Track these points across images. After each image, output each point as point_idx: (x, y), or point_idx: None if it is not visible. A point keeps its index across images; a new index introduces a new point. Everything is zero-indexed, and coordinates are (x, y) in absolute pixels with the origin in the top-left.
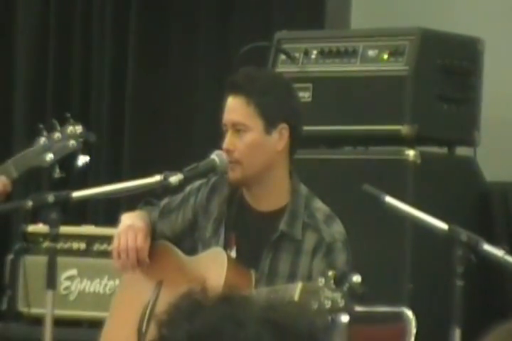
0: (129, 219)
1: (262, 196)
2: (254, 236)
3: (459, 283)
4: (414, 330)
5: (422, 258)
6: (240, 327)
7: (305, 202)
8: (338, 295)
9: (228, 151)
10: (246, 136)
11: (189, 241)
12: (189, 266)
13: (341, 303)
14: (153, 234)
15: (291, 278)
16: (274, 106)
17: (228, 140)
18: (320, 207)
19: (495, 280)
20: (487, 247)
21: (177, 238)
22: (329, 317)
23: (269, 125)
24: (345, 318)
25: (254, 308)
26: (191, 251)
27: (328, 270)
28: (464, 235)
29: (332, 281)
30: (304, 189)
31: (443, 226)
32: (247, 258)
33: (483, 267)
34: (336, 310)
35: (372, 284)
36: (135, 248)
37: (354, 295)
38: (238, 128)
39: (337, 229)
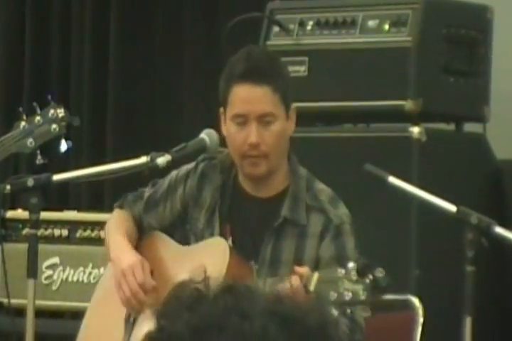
0: (119, 254)
1: (264, 182)
2: (253, 224)
3: (470, 268)
4: (421, 319)
5: (429, 243)
6: (244, 319)
7: (306, 184)
8: (359, 288)
9: (256, 145)
10: (274, 127)
11: (179, 233)
12: (186, 256)
13: (363, 296)
14: (141, 229)
15: (297, 264)
16: (289, 89)
17: (257, 133)
18: (323, 188)
19: (508, 265)
20: (499, 230)
21: (165, 230)
22: (348, 310)
23: (287, 110)
24: (366, 312)
25: (260, 300)
26: (182, 243)
27: (348, 260)
28: (474, 217)
29: (353, 273)
30: (303, 170)
31: (451, 208)
32: (245, 248)
33: (496, 251)
34: (356, 302)
35: None
36: (139, 291)
37: (377, 289)
38: (267, 120)
39: (344, 211)
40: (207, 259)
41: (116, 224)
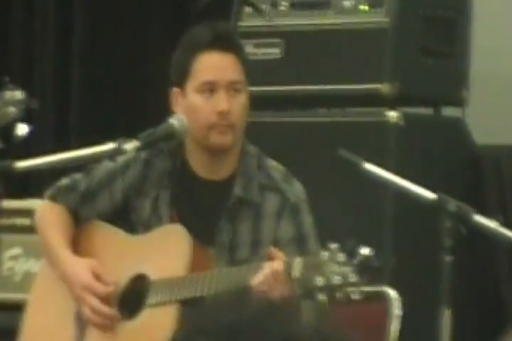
0: (66, 266)
1: (221, 163)
2: (205, 208)
3: (448, 258)
4: (397, 311)
5: (405, 231)
6: (286, 323)
7: (257, 161)
8: (348, 270)
9: (226, 114)
10: (240, 98)
11: (119, 223)
12: (140, 246)
13: (353, 278)
14: (78, 221)
15: (255, 246)
16: (247, 63)
17: (227, 101)
18: (275, 165)
19: (487, 255)
20: (478, 218)
21: (105, 221)
22: (339, 294)
23: (247, 84)
24: (359, 295)
25: (297, 316)
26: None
27: (308, 239)
28: (452, 204)
29: (340, 254)
30: (252, 148)
31: (429, 195)
32: (196, 233)
33: (474, 240)
34: (347, 285)
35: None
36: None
37: (368, 269)
38: (236, 88)
39: (299, 188)
40: (167, 248)
41: (51, 220)
